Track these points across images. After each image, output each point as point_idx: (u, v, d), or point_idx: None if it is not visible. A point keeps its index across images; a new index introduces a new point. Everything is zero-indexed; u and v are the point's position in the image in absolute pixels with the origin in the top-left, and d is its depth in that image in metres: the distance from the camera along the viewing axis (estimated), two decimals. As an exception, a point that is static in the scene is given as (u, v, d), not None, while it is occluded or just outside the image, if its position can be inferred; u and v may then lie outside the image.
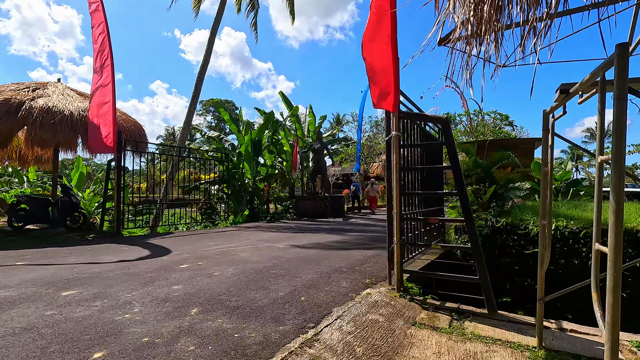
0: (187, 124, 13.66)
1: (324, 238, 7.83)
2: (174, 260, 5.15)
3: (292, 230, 9.51)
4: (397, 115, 3.89)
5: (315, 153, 15.41)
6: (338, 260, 5.28)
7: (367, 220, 13.21)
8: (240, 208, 14.86)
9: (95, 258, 5.32)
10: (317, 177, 16.03)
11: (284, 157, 16.62)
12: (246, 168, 14.67)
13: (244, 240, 7.49)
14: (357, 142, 19.58)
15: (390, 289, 3.88)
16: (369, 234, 8.83)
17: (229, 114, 14.94)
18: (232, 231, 9.31)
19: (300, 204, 15.13)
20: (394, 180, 3.88)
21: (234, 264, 4.88)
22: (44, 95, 8.33)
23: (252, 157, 14.44)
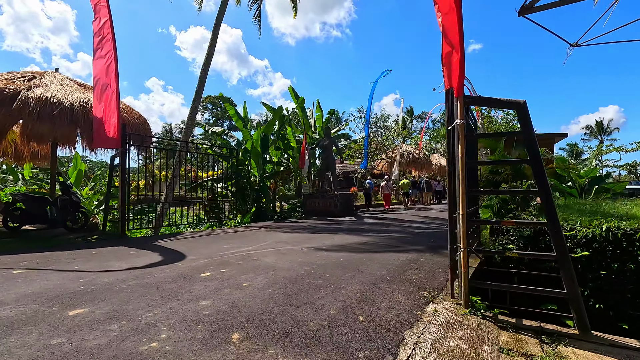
0: (191, 119, 13.03)
1: (345, 239, 7.27)
2: (192, 267, 4.56)
3: (307, 231, 8.93)
4: (461, 100, 3.31)
5: (324, 149, 14.82)
6: (376, 266, 4.71)
7: (381, 219, 12.65)
8: (247, 207, 14.26)
9: (103, 265, 4.72)
10: (325, 174, 15.45)
11: (291, 153, 16.02)
12: (253, 165, 14.07)
13: (261, 242, 6.91)
14: (365, 138, 19.01)
15: (454, 304, 3.31)
16: (391, 234, 8.27)
17: (234, 109, 14.31)
18: (244, 232, 8.72)
19: (309, 202, 14.55)
20: (459, 177, 3.32)
21: (262, 272, 4.30)
22: (41, 85, 7.67)
23: (260, 153, 13.84)
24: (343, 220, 11.99)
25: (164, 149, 10.12)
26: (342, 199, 14.29)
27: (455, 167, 3.41)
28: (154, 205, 11.11)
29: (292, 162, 16.35)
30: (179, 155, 12.11)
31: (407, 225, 10.52)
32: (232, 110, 14.18)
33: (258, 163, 13.89)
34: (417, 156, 24.86)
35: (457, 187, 3.34)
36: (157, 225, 10.17)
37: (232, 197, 14.15)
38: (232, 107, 14.18)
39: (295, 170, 16.47)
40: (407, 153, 24.31)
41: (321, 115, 17.00)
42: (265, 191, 14.01)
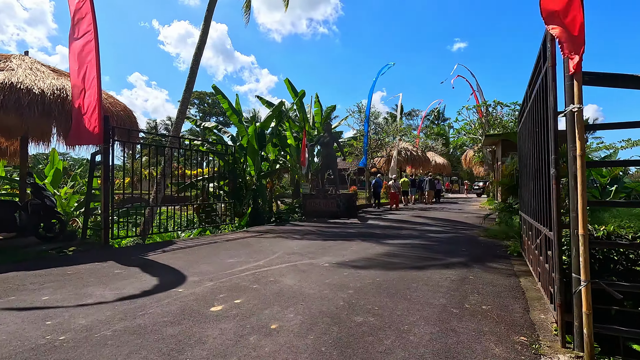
0: (182, 113, 11.91)
1: (365, 249, 6.35)
2: (197, 296, 3.56)
3: (317, 237, 7.99)
4: (579, 78, 2.41)
5: (324, 146, 13.87)
6: (427, 290, 3.80)
7: (388, 221, 11.79)
8: (242, 208, 13.22)
9: (80, 293, 3.68)
10: (326, 172, 14.51)
11: (288, 150, 15.01)
12: (249, 163, 13.01)
13: (269, 253, 5.93)
14: (365, 135, 18.13)
15: (574, 357, 2.42)
16: (410, 240, 7.40)
17: (227, 101, 13.20)
18: (246, 239, 7.71)
19: (309, 202, 13.59)
20: (578, 182, 2.42)
21: (290, 302, 3.34)
22: (5, 69, 6.48)
23: (257, 150, 12.80)
24: (348, 223, 11.09)
25: (154, 145, 8.98)
26: (344, 199, 13.38)
27: (570, 169, 2.51)
28: (141, 205, 9.97)
29: (290, 159, 15.35)
30: (169, 152, 10.97)
31: (420, 228, 9.68)
32: (225, 104, 13.06)
33: (255, 161, 12.85)
34: (415, 154, 24.15)
35: (575, 198, 2.44)
36: (146, 231, 9.08)
37: (226, 197, 13.09)
38: (225, 100, 13.07)
39: (292, 168, 15.47)
40: (404, 150, 23.58)
41: (320, 111, 16.03)
42: (262, 191, 12.99)
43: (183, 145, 11.12)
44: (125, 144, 7.84)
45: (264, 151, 14.62)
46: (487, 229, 9.54)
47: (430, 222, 11.48)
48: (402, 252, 6.13)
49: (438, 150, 29.62)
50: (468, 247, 6.75)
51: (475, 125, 18.38)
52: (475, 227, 10.18)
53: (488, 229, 9.51)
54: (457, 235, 8.45)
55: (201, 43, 11.90)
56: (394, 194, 17.17)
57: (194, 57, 12.43)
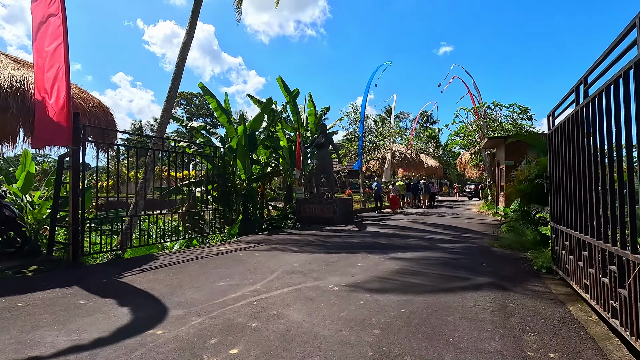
0: (167, 112, 11.00)
1: (376, 265, 5.60)
2: (179, 343, 2.74)
3: (317, 249, 7.20)
4: None
5: (319, 148, 13.12)
6: (471, 330, 3.06)
7: (389, 228, 11.08)
8: (232, 215, 12.34)
9: (25, 341, 2.82)
10: (320, 176, 13.75)
11: (281, 152, 14.19)
12: (239, 166, 12.16)
13: (267, 272, 5.12)
14: (359, 137, 17.43)
15: None
16: (421, 252, 6.69)
17: (216, 100, 12.33)
18: (238, 252, 6.88)
19: (303, 208, 12.80)
20: None
21: (303, 354, 2.55)
22: (-46, 57, 5.54)
23: (247, 152, 11.95)
24: (347, 231, 10.34)
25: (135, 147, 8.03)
26: (341, 204, 12.64)
27: None
28: (119, 215, 9.02)
29: (282, 162, 14.53)
30: (152, 154, 10.03)
31: (427, 237, 8.99)
32: (213, 103, 12.18)
33: (245, 164, 12.00)
34: (409, 156, 23.60)
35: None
36: (124, 243, 8.17)
37: (215, 203, 12.22)
38: (213, 100, 12.19)
39: (285, 171, 14.66)
40: (398, 153, 23.00)
41: (314, 111, 15.26)
42: (253, 196, 12.15)
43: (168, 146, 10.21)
44: (99, 145, 6.92)
45: (255, 153, 13.79)
46: (498, 237, 8.92)
47: (433, 229, 10.82)
48: (419, 268, 5.39)
49: (431, 152, 29.17)
50: (487, 260, 6.06)
51: (473, 128, 17.88)
52: (483, 235, 9.55)
53: (499, 237, 8.89)
54: (469, 245, 7.77)
55: (188, 38, 11.03)
56: (395, 197, 16.75)
57: (180, 51, 11.56)
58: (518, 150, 12.26)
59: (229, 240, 9.10)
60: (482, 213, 16.42)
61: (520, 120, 16.13)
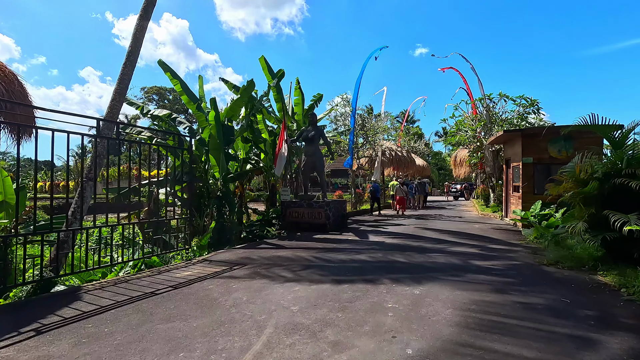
0: (121, 93, 8.74)
1: (417, 307, 3.70)
2: None
3: (317, 273, 5.23)
4: None
5: (309, 142, 11.11)
6: None
7: (393, 237, 9.23)
8: (204, 222, 10.17)
9: None
10: (310, 175, 11.75)
11: (262, 147, 12.09)
12: (212, 162, 9.99)
13: (251, 331, 3.11)
14: (350, 131, 15.53)
15: None
16: (460, 277, 4.84)
17: (180, 82, 10.09)
18: (206, 284, 4.82)
19: (289, 212, 10.78)
20: None
21: None
22: None
23: (221, 146, 9.80)
24: (347, 241, 8.41)
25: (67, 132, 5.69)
26: (335, 208, 10.69)
27: None
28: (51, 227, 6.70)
29: (264, 158, 12.42)
30: (99, 143, 7.68)
31: (449, 249, 7.18)
32: (177, 85, 9.93)
33: (219, 159, 9.84)
34: (400, 154, 21.93)
35: None
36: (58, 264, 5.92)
37: (182, 207, 10.03)
38: (176, 80, 9.93)
39: (267, 169, 12.57)
40: (389, 151, 21.28)
41: (301, 100, 13.21)
42: (230, 199, 10.01)
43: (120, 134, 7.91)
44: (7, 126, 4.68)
45: (232, 148, 11.64)
46: (536, 250, 7.23)
47: (448, 237, 9.03)
48: (489, 318, 3.49)
49: (420, 151, 27.68)
50: (564, 292, 4.27)
51: (473, 122, 16.33)
52: (513, 246, 7.84)
53: (537, 250, 7.21)
54: (510, 263, 6.00)
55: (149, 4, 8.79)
56: (402, 198, 15.43)
57: (138, 19, 9.33)
58: (537, 146, 10.68)
59: (197, 256, 6.98)
60: (485, 216, 14.87)
61: (525, 114, 14.68)
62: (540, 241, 8.21)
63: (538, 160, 10.71)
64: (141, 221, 7.10)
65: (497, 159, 15.53)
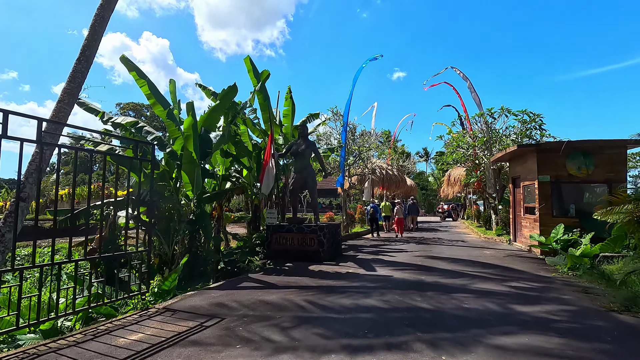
0: (71, 94, 7.22)
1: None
2: None
3: (321, 335, 3.71)
4: None
5: (299, 157, 9.67)
6: None
7: (402, 269, 7.79)
8: (172, 252, 8.47)
9: None
10: (299, 194, 10.27)
11: (246, 162, 10.57)
12: (184, 179, 8.37)
13: None
14: (342, 147, 14.20)
15: None
16: (511, 339, 3.41)
17: (147, 82, 8.55)
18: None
19: (276, 238, 9.21)
20: None
21: None
22: None
23: (197, 160, 8.23)
24: (348, 275, 6.90)
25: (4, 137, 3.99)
26: (329, 233, 9.20)
27: None
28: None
29: (247, 175, 10.88)
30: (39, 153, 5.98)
31: (476, 288, 5.77)
32: (145, 86, 8.39)
33: (194, 176, 8.25)
34: (391, 173, 20.74)
35: None
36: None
37: (146, 234, 8.35)
38: (143, 81, 8.38)
39: (250, 188, 11.01)
40: (379, 169, 20.06)
41: (291, 111, 11.84)
42: (205, 223, 8.38)
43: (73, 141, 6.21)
44: None
45: (209, 162, 10.08)
46: (584, 287, 5.91)
47: (464, 268, 7.64)
48: None
49: (409, 169, 26.65)
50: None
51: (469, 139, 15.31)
52: (546, 279, 6.50)
53: (584, 286, 5.90)
54: (567, 309, 4.63)
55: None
56: (400, 219, 14.67)
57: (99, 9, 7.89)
58: (554, 163, 9.58)
59: (159, 302, 5.30)
60: (490, 240, 13.62)
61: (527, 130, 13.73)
62: (577, 273, 6.94)
63: (556, 178, 9.59)
64: (85, 258, 5.36)
65: (498, 178, 14.47)
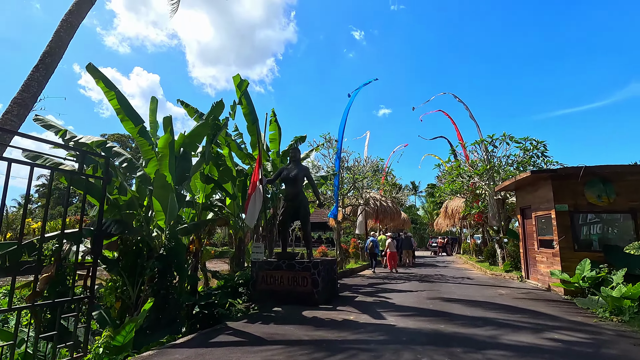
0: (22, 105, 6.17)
1: None
2: None
3: None
4: None
5: (290, 184, 8.56)
6: None
7: (414, 315, 6.55)
8: (138, 292, 7.06)
9: None
10: (290, 225, 9.07)
11: (229, 189, 9.41)
12: (155, 207, 7.12)
13: None
14: (335, 176, 13.19)
15: None
16: None
17: (117, 97, 7.45)
18: None
19: (263, 277, 7.90)
20: None
21: None
22: None
23: (171, 185, 7.04)
24: (347, 324, 5.62)
25: None
26: (324, 270, 7.95)
27: None
28: None
29: (230, 204, 9.67)
30: None
31: (508, 341, 4.56)
32: (113, 99, 7.24)
33: (167, 203, 7.02)
34: (385, 204, 19.72)
35: None
36: None
37: (110, 273, 7.05)
38: (112, 93, 7.23)
39: (234, 219, 9.77)
40: (373, 200, 19.04)
41: (278, 135, 10.88)
42: (179, 259, 7.06)
43: None
44: None
45: (188, 190, 8.88)
46: None
47: (484, 313, 6.44)
48: None
49: (402, 202, 25.69)
50: None
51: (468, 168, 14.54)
52: (587, 327, 5.34)
53: None
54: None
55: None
56: (393, 254, 13.85)
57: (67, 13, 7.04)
58: (571, 191, 8.71)
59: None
60: (498, 276, 12.45)
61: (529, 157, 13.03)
62: (623, 319, 5.81)
63: (574, 207, 8.67)
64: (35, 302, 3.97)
65: (503, 209, 13.55)
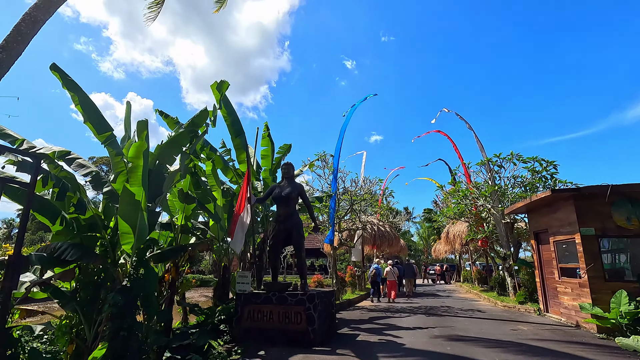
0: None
1: None
2: None
3: None
4: None
5: (283, 203, 7.52)
6: None
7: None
8: (95, 334, 5.79)
9: None
10: (282, 251, 7.94)
11: (212, 209, 8.32)
12: (122, 228, 5.98)
13: None
14: (332, 199, 12.17)
15: None
16: None
17: (79, 100, 6.42)
18: None
19: (250, 312, 6.71)
20: None
21: None
22: None
23: (140, 202, 5.96)
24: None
25: None
26: (322, 304, 6.80)
27: None
28: None
29: (213, 226, 8.55)
30: None
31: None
32: (75, 98, 6.22)
33: (136, 224, 5.91)
34: (383, 229, 18.66)
35: None
36: None
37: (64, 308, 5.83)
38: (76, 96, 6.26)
39: (218, 243, 8.62)
40: (370, 225, 17.98)
41: (271, 151, 9.92)
42: (146, 292, 5.86)
43: None
44: None
45: (165, 210, 7.77)
46: None
47: (511, 357, 5.32)
48: None
49: (399, 226, 24.66)
50: None
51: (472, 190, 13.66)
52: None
53: None
54: None
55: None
56: (393, 282, 13.31)
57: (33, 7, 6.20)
58: (597, 212, 7.79)
59: None
60: (511, 308, 11.30)
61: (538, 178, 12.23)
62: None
63: (602, 231, 7.72)
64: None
65: (512, 233, 12.58)
